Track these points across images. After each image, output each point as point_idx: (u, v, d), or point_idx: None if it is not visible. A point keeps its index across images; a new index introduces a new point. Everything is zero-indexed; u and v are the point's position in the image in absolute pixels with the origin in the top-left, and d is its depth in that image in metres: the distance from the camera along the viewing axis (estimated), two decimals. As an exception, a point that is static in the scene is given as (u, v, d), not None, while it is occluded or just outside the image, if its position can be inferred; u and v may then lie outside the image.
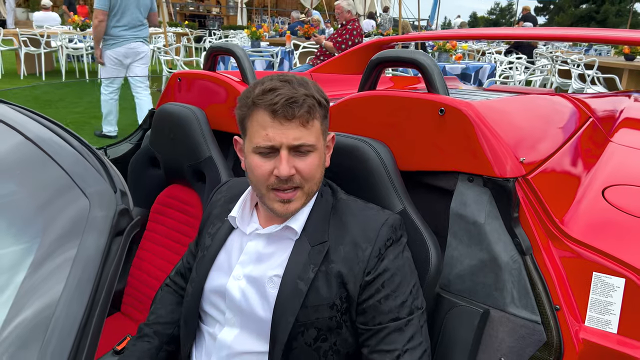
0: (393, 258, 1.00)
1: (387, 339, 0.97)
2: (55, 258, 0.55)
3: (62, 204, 0.59)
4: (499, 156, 1.09)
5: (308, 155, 0.99)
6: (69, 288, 0.53)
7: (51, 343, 0.49)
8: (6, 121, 0.77)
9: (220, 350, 1.04)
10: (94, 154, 0.66)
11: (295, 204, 1.01)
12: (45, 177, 0.63)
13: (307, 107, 0.97)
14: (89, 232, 0.56)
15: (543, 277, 1.05)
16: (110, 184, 0.61)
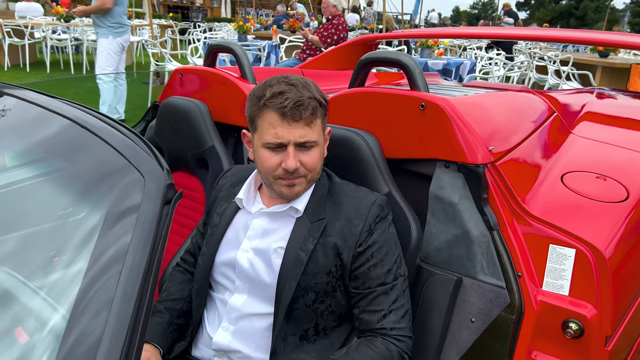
0: (381, 232, 1.17)
1: (375, 300, 1.14)
2: (122, 221, 0.70)
3: (123, 180, 0.74)
4: (471, 146, 1.27)
5: (311, 150, 1.15)
6: (135, 243, 0.68)
7: (125, 286, 0.64)
8: (58, 110, 0.91)
9: (231, 313, 1.20)
10: (140, 138, 0.81)
11: (299, 187, 1.17)
12: (105, 159, 0.78)
13: (312, 109, 1.12)
14: (146, 201, 0.71)
15: (507, 249, 1.23)
16: (158, 163, 0.76)
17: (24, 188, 0.90)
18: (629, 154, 1.60)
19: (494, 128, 1.38)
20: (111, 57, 5.03)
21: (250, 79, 1.83)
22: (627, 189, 1.40)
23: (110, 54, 5.00)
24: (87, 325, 0.63)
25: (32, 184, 0.89)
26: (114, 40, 4.92)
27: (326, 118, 1.21)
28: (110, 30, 4.88)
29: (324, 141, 1.21)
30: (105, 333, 0.62)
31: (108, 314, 0.63)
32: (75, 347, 0.62)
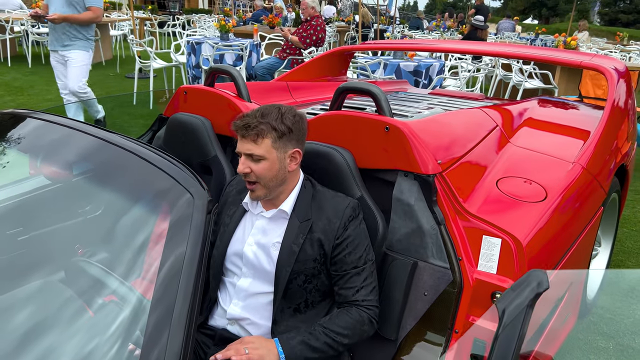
0: (353, 228, 1.53)
1: (350, 280, 1.51)
2: (181, 226, 1.05)
3: (178, 198, 1.09)
4: (424, 160, 1.64)
5: (259, 162, 1.48)
6: (192, 241, 1.03)
7: (189, 270, 0.99)
8: (110, 140, 1.25)
9: (240, 293, 1.55)
10: (181, 163, 1.15)
11: (257, 192, 1.51)
12: (160, 182, 1.12)
13: (257, 131, 1.46)
14: (196, 212, 1.06)
15: (451, 239, 1.61)
16: (200, 184, 1.11)
17: (104, 210, 1.25)
18: (549, 160, 1.99)
19: (443, 144, 1.75)
20: (87, 69, 4.72)
21: (245, 97, 2.17)
22: (546, 191, 1.80)
23: (88, 66, 4.69)
24: (165, 296, 0.98)
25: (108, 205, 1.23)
26: (89, 53, 4.63)
27: (285, 140, 1.49)
28: (89, 43, 4.59)
29: (287, 158, 1.51)
30: (176, 302, 0.97)
31: (177, 288, 0.99)
32: (159, 311, 0.97)
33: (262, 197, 1.53)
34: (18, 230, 1.35)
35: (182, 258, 1.00)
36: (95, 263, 1.15)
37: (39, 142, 1.37)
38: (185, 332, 0.95)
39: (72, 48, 4.48)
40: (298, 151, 1.54)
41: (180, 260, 1.01)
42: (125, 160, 1.18)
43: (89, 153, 1.27)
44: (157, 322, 0.95)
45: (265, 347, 1.38)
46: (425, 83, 5.34)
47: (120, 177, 1.21)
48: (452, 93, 3.21)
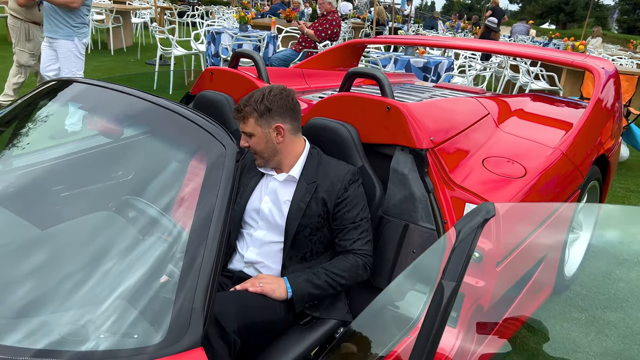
0: (352, 190, 1.80)
1: (348, 233, 1.77)
2: (215, 172, 1.32)
3: (213, 148, 1.36)
4: (419, 137, 1.90)
5: (251, 137, 1.79)
6: (223, 184, 1.30)
7: (220, 206, 1.26)
8: (154, 101, 1.52)
9: (255, 242, 1.83)
10: (215, 121, 1.43)
11: (257, 161, 1.83)
12: (198, 136, 1.40)
13: (243, 113, 1.77)
14: (227, 161, 1.33)
15: (439, 205, 1.87)
16: (230, 137, 1.38)
17: (150, 154, 1.53)
18: (532, 144, 2.25)
19: (436, 125, 2.01)
20: (78, 60, 4.56)
21: (264, 79, 2.44)
22: (525, 169, 2.06)
23: (78, 56, 4.54)
24: (202, 229, 1.25)
25: (153, 151, 1.51)
26: (80, 42, 4.49)
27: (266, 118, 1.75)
28: (74, 31, 4.42)
29: (268, 132, 1.77)
30: (209, 233, 1.24)
31: (210, 222, 1.26)
32: (196, 241, 1.24)
33: (262, 165, 1.83)
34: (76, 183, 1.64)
35: (216, 197, 1.27)
36: (143, 200, 1.42)
37: (95, 103, 1.65)
38: (216, 257, 1.22)
39: (57, 36, 4.45)
40: (280, 126, 1.78)
41: (213, 200, 1.28)
42: (168, 118, 1.46)
43: (136, 112, 1.55)
44: (194, 251, 1.23)
45: (276, 282, 1.66)
46: (433, 79, 5.58)
47: (163, 131, 1.49)
48: (455, 87, 3.46)
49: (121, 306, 1.16)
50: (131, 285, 1.23)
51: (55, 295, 1.21)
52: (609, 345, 2.37)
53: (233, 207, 1.33)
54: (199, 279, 1.18)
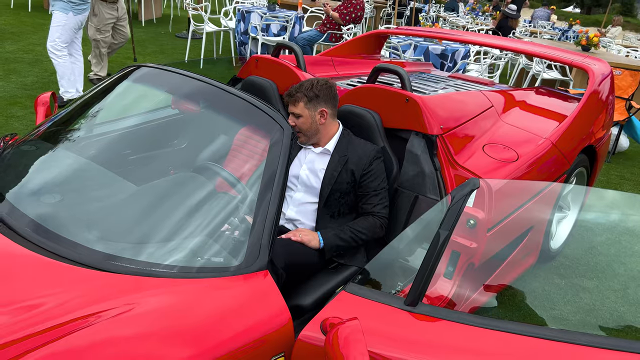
0: (375, 165, 2.24)
1: (370, 199, 2.23)
2: (276, 146, 1.77)
3: (273, 128, 1.81)
4: (431, 125, 2.33)
5: (299, 118, 2.22)
6: (282, 156, 1.75)
7: (280, 173, 1.72)
8: (226, 89, 1.97)
9: (294, 202, 2.29)
10: (273, 108, 1.87)
11: (300, 138, 2.26)
12: (261, 118, 1.84)
13: (295, 97, 2.20)
14: (285, 140, 1.78)
15: (444, 181, 2.31)
16: (286, 120, 1.83)
17: (213, 127, 1.98)
18: (526, 134, 2.67)
19: (446, 115, 2.44)
20: (67, 32, 4.75)
21: (302, 68, 2.86)
22: (518, 154, 2.48)
23: (67, 30, 4.73)
24: (267, 188, 1.71)
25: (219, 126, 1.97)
26: (74, 17, 4.68)
27: (314, 103, 2.18)
28: (71, 6, 4.61)
29: (317, 115, 2.21)
30: (272, 199, 1.69)
31: (274, 183, 1.71)
32: (261, 202, 1.70)
33: (304, 142, 2.28)
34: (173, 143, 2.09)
35: (276, 167, 1.73)
36: (219, 166, 1.88)
37: (177, 87, 2.10)
38: (277, 207, 1.68)
39: (54, 8, 4.68)
40: (324, 110, 2.23)
41: (275, 168, 1.73)
42: (237, 103, 1.90)
43: (212, 96, 2.00)
44: (263, 202, 1.69)
45: (312, 234, 2.12)
46: (450, 66, 5.94)
47: (233, 113, 1.94)
48: (467, 77, 3.86)
49: (211, 240, 1.63)
50: (219, 224, 1.69)
51: (159, 232, 1.68)
52: (582, 305, 2.83)
53: (287, 174, 1.78)
54: (266, 222, 1.64)
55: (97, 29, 5.53)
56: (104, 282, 1.45)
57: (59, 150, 2.04)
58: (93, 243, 1.57)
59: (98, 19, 5.48)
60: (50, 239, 1.56)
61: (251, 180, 1.80)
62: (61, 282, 1.43)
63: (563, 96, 3.55)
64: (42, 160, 1.97)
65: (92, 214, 1.73)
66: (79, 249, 1.54)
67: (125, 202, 1.77)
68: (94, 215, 1.72)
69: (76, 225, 1.65)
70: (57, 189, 1.82)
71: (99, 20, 5.50)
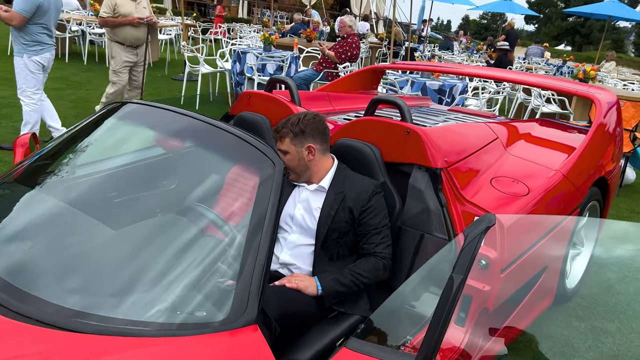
0: (375, 201, 2.07)
1: (371, 238, 2.05)
2: (267, 183, 1.61)
3: (264, 164, 1.65)
4: (435, 158, 2.17)
5: (286, 155, 2.07)
6: (273, 194, 1.58)
7: (270, 213, 1.55)
8: (212, 123, 1.82)
9: (289, 245, 2.10)
10: (264, 142, 1.71)
11: (290, 176, 2.11)
12: (251, 153, 1.68)
13: (281, 133, 2.06)
14: (277, 175, 1.62)
15: (451, 218, 2.14)
16: (277, 155, 1.67)
17: (202, 169, 1.82)
18: (535, 166, 2.51)
19: (450, 147, 2.29)
20: (30, 77, 4.55)
21: (297, 102, 2.73)
22: (528, 188, 2.32)
23: (29, 73, 4.53)
24: (256, 230, 1.54)
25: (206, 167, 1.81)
26: (29, 60, 4.48)
27: (300, 139, 2.04)
28: (24, 48, 4.44)
29: (304, 151, 2.06)
30: (262, 241, 1.52)
31: (264, 224, 1.54)
32: (250, 245, 1.52)
33: (294, 180, 2.11)
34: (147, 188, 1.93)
35: (267, 206, 1.56)
36: (205, 207, 1.71)
37: (163, 123, 1.95)
38: (267, 252, 1.50)
39: (15, 52, 4.55)
40: (312, 146, 2.08)
41: (266, 207, 1.56)
42: (225, 138, 1.75)
43: (198, 132, 1.85)
44: (251, 246, 1.51)
45: (309, 280, 1.93)
46: (448, 101, 5.86)
47: (221, 149, 1.78)
48: (468, 110, 3.74)
49: (193, 290, 1.44)
50: (200, 274, 1.51)
51: (135, 284, 1.49)
52: (605, 351, 2.60)
53: (279, 213, 1.61)
54: (255, 269, 1.46)
55: (114, 70, 5.57)
56: (69, 344, 1.25)
57: (32, 194, 1.87)
58: (60, 298, 1.38)
59: (115, 61, 5.53)
60: (10, 294, 1.37)
61: (239, 220, 1.63)
62: (18, 346, 1.23)
63: (568, 127, 3.42)
64: (12, 205, 1.80)
65: (61, 264, 1.55)
66: (42, 306, 1.35)
67: (99, 250, 1.59)
68: (64, 266, 1.54)
69: (42, 278, 1.46)
70: (26, 236, 1.65)
71: (115, 63, 5.54)
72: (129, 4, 5.58)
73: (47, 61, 4.65)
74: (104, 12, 5.50)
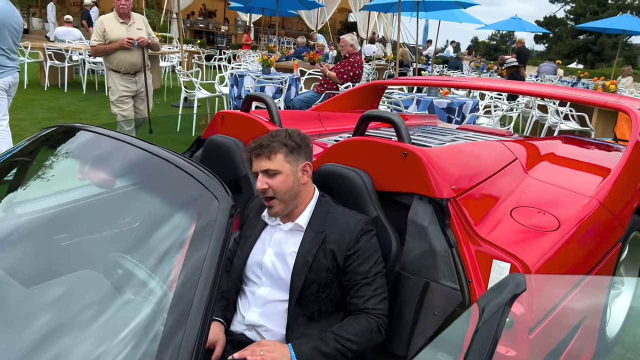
0: (365, 241, 1.63)
1: (360, 290, 1.60)
2: (206, 228, 1.18)
3: (204, 201, 1.22)
4: (439, 185, 1.73)
5: (275, 176, 1.63)
6: (214, 241, 1.16)
7: (209, 269, 1.12)
8: (145, 147, 1.40)
9: (258, 300, 1.66)
10: (209, 171, 1.29)
11: (276, 208, 1.65)
12: (189, 187, 1.26)
13: (270, 148, 1.62)
14: (219, 215, 1.19)
15: (462, 261, 1.68)
16: (225, 190, 1.24)
17: (139, 207, 1.40)
18: (565, 192, 2.05)
19: (458, 172, 1.85)
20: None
21: (276, 123, 2.32)
22: (559, 221, 1.86)
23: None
24: (185, 292, 1.10)
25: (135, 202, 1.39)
26: None
27: (295, 155, 1.65)
28: None
29: (299, 171, 1.66)
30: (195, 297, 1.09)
31: (197, 284, 1.10)
32: (179, 306, 1.09)
33: (280, 212, 1.66)
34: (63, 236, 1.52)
35: (204, 257, 1.13)
36: (129, 258, 1.29)
37: (85, 151, 1.54)
38: (201, 325, 1.07)
39: None
40: (308, 164, 1.69)
41: (202, 259, 1.13)
42: (160, 168, 1.33)
43: (128, 161, 1.44)
44: (177, 316, 1.07)
45: (280, 350, 1.48)
46: (457, 120, 5.43)
47: (154, 182, 1.36)
48: (480, 129, 3.30)
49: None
50: (110, 348, 1.08)
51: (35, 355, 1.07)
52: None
53: (224, 269, 1.18)
54: (185, 337, 1.02)
55: (113, 102, 5.11)
56: None
57: None
58: None
59: (112, 92, 5.08)
60: None
61: (169, 273, 1.20)
62: None
63: (597, 144, 2.96)
64: None
65: None
66: None
67: None
68: None
69: None
70: None
71: (112, 93, 5.09)
72: (119, 28, 5.21)
73: (8, 85, 4.28)
74: (94, 39, 5.11)
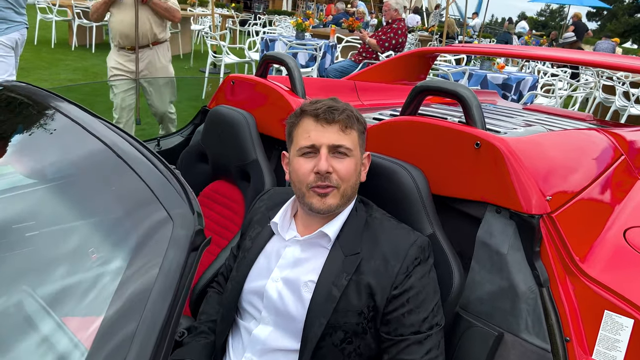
0: (420, 277, 1.10)
1: (407, 349, 1.07)
2: (145, 266, 0.67)
3: (150, 222, 0.71)
4: (527, 193, 1.17)
5: (345, 159, 1.13)
6: (155, 295, 0.65)
7: (141, 343, 0.61)
8: (96, 133, 0.90)
9: (255, 345, 1.16)
10: (175, 175, 0.78)
11: (331, 199, 1.13)
12: (135, 193, 0.75)
13: (346, 115, 1.13)
14: (172, 247, 0.68)
15: (557, 309, 1.14)
16: (190, 207, 0.72)
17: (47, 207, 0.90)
18: None
19: (554, 174, 1.28)
20: None
21: (300, 93, 1.78)
22: (699, 252, 1.27)
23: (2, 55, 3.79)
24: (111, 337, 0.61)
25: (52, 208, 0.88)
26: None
27: (364, 138, 1.22)
28: None
29: (361, 159, 1.20)
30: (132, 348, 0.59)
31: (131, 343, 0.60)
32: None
33: (333, 208, 1.14)
34: None
35: (143, 307, 0.62)
36: (36, 297, 0.79)
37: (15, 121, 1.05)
38: None
39: None
40: (369, 155, 1.25)
41: (148, 290, 0.63)
42: (95, 159, 0.82)
43: (65, 140, 0.93)
44: None
45: None
46: (514, 98, 4.75)
47: (80, 182, 0.85)
48: (552, 110, 2.67)
49: None
50: None
51: None
52: None
53: (175, 331, 0.68)
54: None
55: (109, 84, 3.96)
56: None
57: None
58: None
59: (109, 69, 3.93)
60: None
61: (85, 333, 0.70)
62: None
63: None
64: None
65: None
66: None
67: None
68: None
69: None
70: None
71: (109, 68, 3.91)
72: None
73: (15, 42, 3.79)
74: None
